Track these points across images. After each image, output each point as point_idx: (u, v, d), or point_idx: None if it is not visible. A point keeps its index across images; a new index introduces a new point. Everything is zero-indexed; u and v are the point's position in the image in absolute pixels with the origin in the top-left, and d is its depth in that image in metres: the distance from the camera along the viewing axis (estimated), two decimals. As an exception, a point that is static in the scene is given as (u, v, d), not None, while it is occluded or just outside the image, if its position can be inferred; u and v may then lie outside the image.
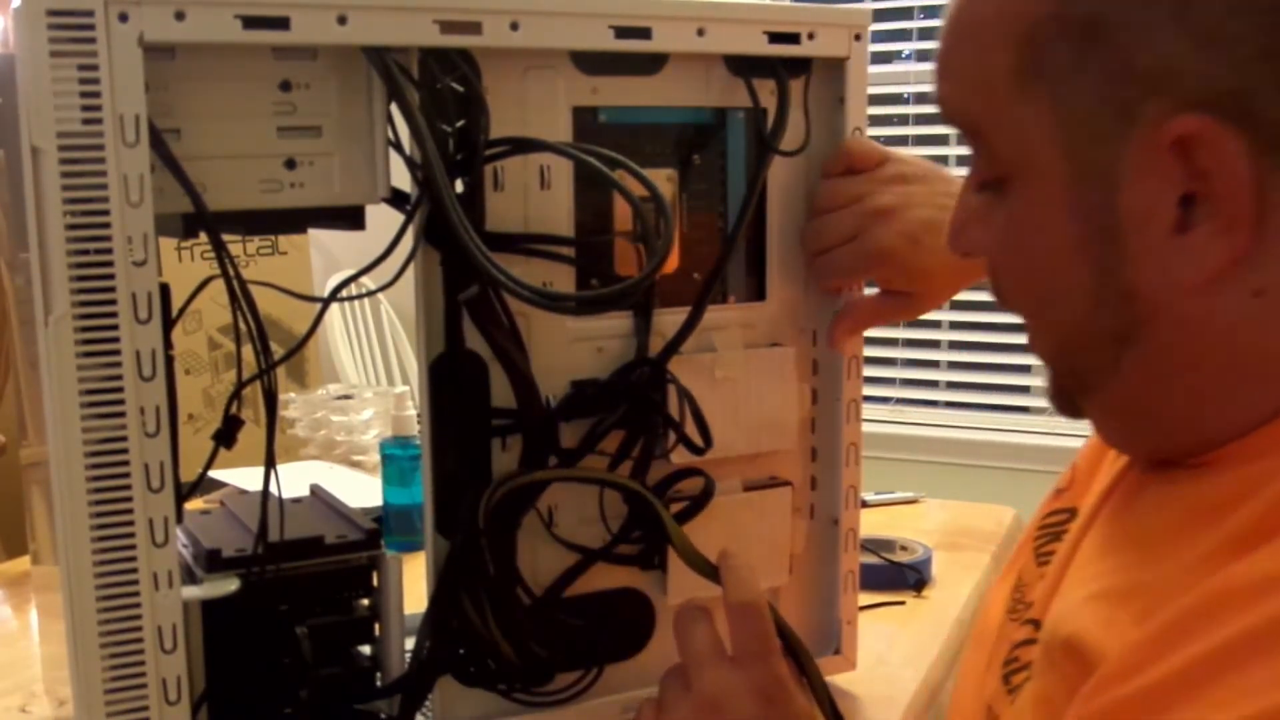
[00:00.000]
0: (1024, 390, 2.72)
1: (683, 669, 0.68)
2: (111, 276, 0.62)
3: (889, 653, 0.99)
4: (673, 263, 0.80)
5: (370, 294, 1.18)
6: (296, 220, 0.71)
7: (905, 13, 2.68)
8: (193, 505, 0.80)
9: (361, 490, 1.38)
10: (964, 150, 2.62)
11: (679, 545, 0.75)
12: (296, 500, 0.85)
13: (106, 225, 0.62)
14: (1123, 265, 0.52)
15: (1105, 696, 0.47)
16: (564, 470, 0.77)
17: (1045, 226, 0.54)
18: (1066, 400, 0.60)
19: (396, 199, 0.73)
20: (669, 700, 0.68)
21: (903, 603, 1.11)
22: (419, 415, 0.79)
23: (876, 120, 2.70)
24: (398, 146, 0.71)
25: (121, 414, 0.63)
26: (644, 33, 0.75)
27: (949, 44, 0.56)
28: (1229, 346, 0.52)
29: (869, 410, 2.64)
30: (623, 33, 0.74)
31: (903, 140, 2.72)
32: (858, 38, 0.82)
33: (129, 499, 0.64)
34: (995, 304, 0.62)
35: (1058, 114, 0.52)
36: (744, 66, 0.80)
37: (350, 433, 1.56)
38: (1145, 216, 0.50)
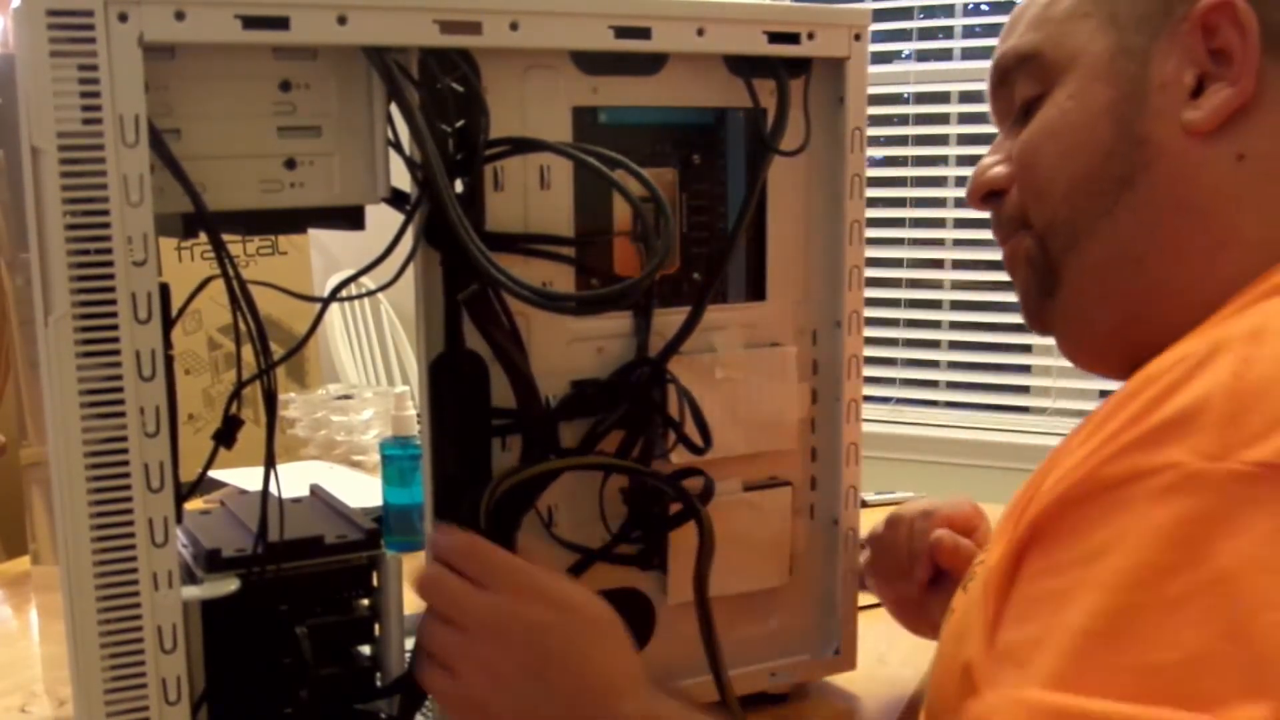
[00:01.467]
0: (1024, 390, 2.72)
1: (438, 617, 0.66)
2: (111, 276, 0.62)
3: (889, 653, 0.99)
4: (673, 263, 0.81)
5: (370, 294, 1.18)
6: (296, 220, 0.71)
7: (905, 13, 2.68)
8: (193, 505, 0.80)
9: (361, 490, 1.38)
10: (961, 150, 2.62)
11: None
12: (296, 500, 0.85)
13: (106, 225, 0.62)
14: (1140, 118, 0.64)
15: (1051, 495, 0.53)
16: (571, 460, 0.77)
17: (1084, 94, 0.66)
18: (1041, 290, 0.70)
19: (396, 199, 0.73)
20: (447, 654, 0.66)
21: (903, 603, 1.11)
22: (419, 415, 0.79)
23: (876, 120, 2.70)
24: (398, 146, 0.71)
25: (121, 414, 0.63)
26: (644, 33, 0.75)
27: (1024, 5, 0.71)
28: (1211, 205, 0.63)
29: (869, 410, 2.66)
30: (623, 33, 0.75)
31: (902, 140, 2.71)
32: (858, 38, 0.82)
33: (129, 499, 0.64)
34: (995, 304, 0.65)
35: (1107, 11, 0.66)
36: (744, 66, 0.80)
37: (350, 433, 1.56)
38: (1169, 81, 0.64)
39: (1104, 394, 2.51)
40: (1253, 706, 0.44)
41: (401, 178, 0.72)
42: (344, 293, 0.86)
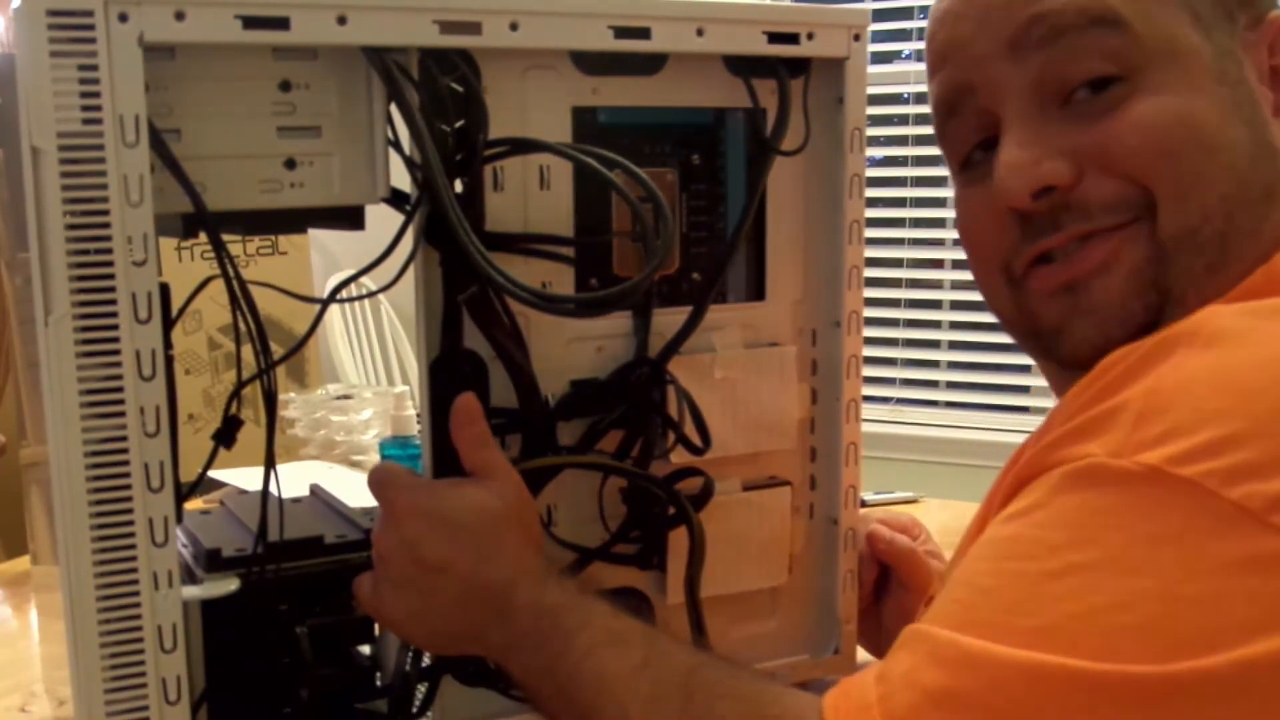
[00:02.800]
0: (1024, 390, 2.72)
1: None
2: (111, 276, 0.62)
3: (889, 653, 0.99)
4: (672, 263, 0.81)
5: (371, 295, 1.19)
6: (296, 220, 0.71)
7: (905, 13, 2.68)
8: (193, 505, 0.80)
9: (361, 490, 1.37)
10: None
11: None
12: (296, 500, 0.85)
13: (106, 225, 0.62)
14: (1265, 125, 0.61)
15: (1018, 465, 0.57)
16: (570, 457, 0.77)
17: (1203, 90, 0.60)
18: (1146, 309, 0.61)
19: (396, 199, 0.73)
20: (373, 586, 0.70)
21: (902, 603, 1.11)
22: (419, 415, 0.79)
23: (876, 120, 2.70)
24: (397, 146, 0.71)
25: (121, 414, 0.63)
26: (644, 33, 0.75)
27: None
28: None
29: (869, 410, 2.66)
30: (622, 33, 0.74)
31: (903, 140, 2.71)
32: (857, 38, 0.82)
33: (129, 499, 0.64)
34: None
35: (1189, 7, 0.61)
36: (743, 66, 0.80)
37: (350, 433, 1.56)
38: (1262, 93, 0.61)
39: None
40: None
41: (401, 178, 0.72)
42: (344, 293, 0.86)
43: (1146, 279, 0.61)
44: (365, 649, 0.79)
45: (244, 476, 1.32)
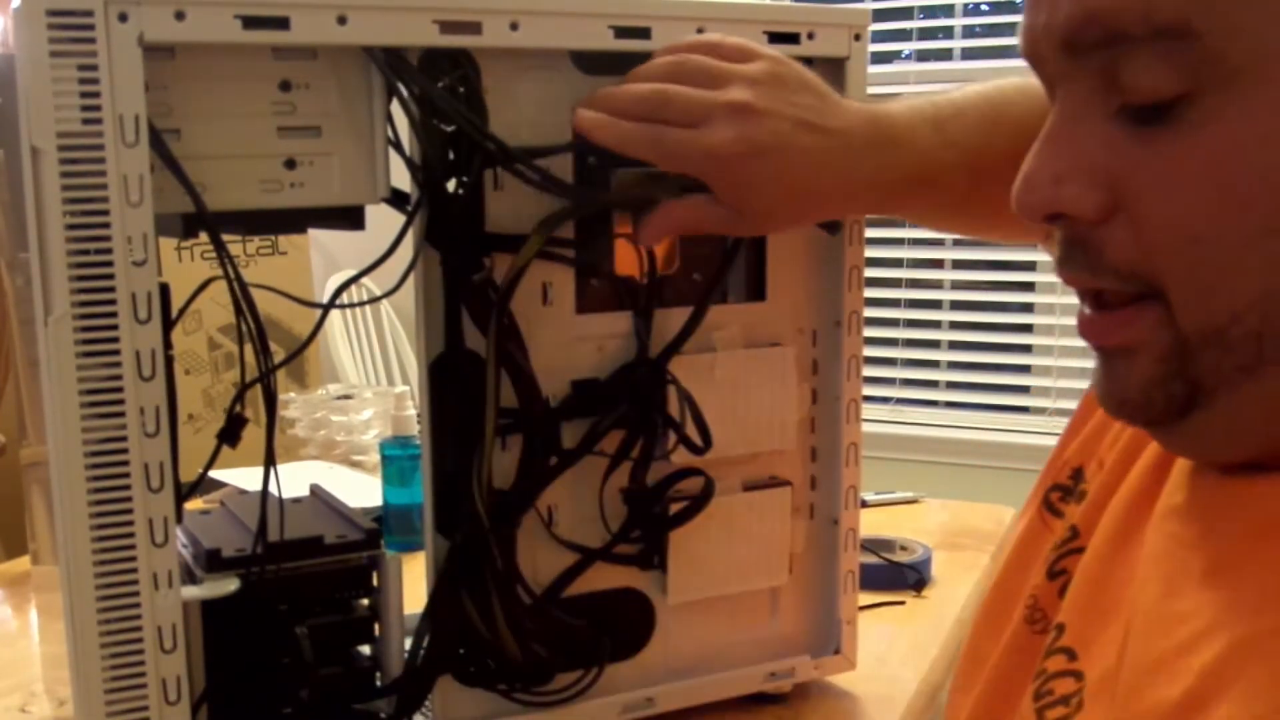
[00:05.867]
0: (1024, 390, 2.72)
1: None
2: (111, 276, 0.62)
3: (889, 653, 0.99)
4: (673, 263, 0.81)
5: (373, 301, 1.18)
6: (296, 220, 0.71)
7: (905, 13, 2.68)
8: (193, 505, 0.80)
9: (361, 490, 1.38)
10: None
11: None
12: (296, 500, 0.85)
13: (106, 225, 0.62)
14: None
15: None
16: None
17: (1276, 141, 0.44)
18: (1167, 398, 0.49)
19: (396, 199, 0.73)
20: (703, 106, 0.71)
21: (903, 603, 1.11)
22: (419, 415, 0.79)
23: (876, 120, 2.70)
24: (398, 146, 0.71)
25: (121, 414, 0.63)
26: (644, 33, 0.75)
27: None
28: None
29: (869, 410, 2.66)
30: (623, 33, 0.75)
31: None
32: (858, 38, 0.82)
33: (129, 499, 0.64)
34: (995, 304, 0.59)
35: None
36: (744, 66, 0.80)
37: (350, 433, 1.56)
38: None
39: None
40: None
41: (401, 177, 0.72)
42: (345, 295, 0.86)
43: (1173, 369, 0.48)
44: (365, 649, 0.79)
45: (244, 476, 1.32)
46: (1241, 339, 0.46)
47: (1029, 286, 2.66)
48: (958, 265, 2.70)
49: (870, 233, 0.88)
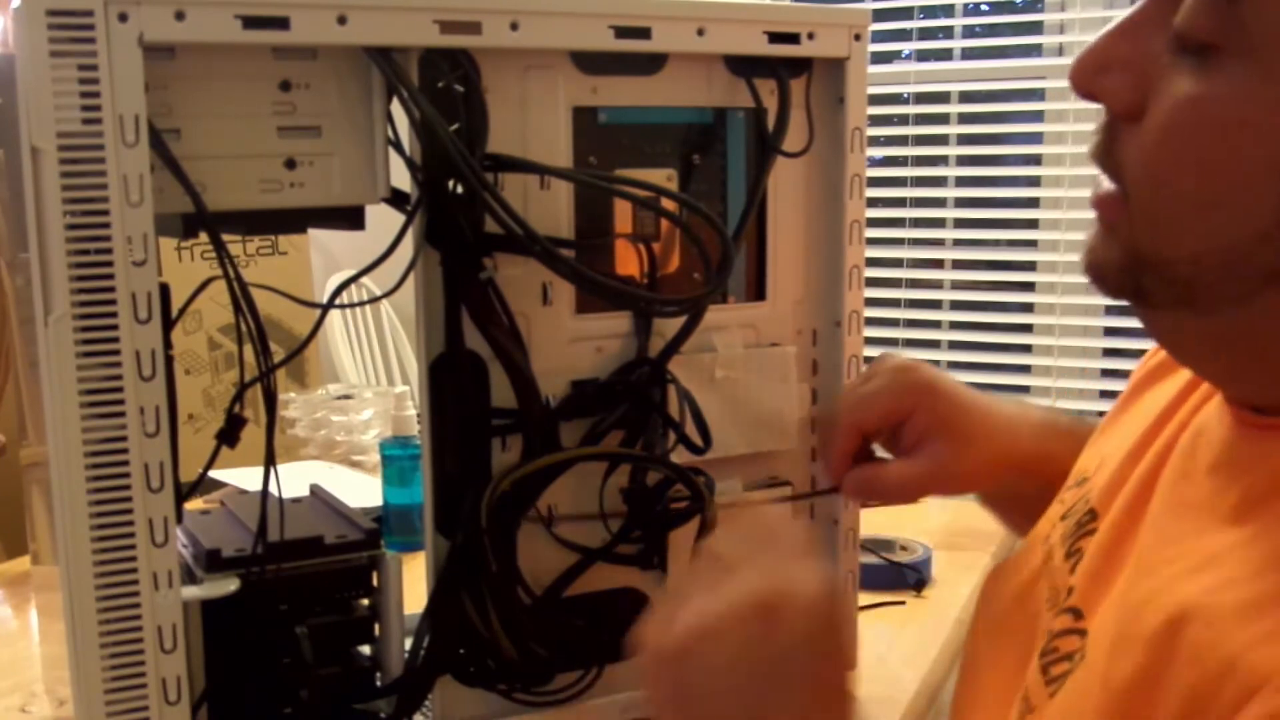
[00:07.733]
0: (1024, 390, 2.72)
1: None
2: (111, 276, 0.62)
3: (889, 653, 0.99)
4: (673, 263, 0.81)
5: (372, 300, 1.18)
6: (296, 220, 0.71)
7: (905, 13, 2.68)
8: (193, 505, 0.80)
9: (361, 490, 1.38)
10: (961, 150, 2.62)
11: None
12: (296, 500, 0.85)
13: (106, 225, 0.62)
14: None
15: None
16: (577, 450, 0.77)
17: (1254, 126, 0.46)
18: (1120, 284, 0.53)
19: (396, 199, 0.73)
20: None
21: (903, 603, 1.11)
22: (419, 415, 0.79)
23: (876, 120, 2.70)
24: (398, 146, 0.71)
25: (121, 414, 0.63)
26: (644, 33, 0.75)
27: None
28: None
29: (869, 410, 2.65)
30: (623, 33, 0.74)
31: (903, 140, 2.71)
32: (858, 38, 0.82)
33: (129, 499, 0.64)
34: (995, 304, 0.59)
35: None
36: (744, 66, 0.80)
37: (350, 433, 1.56)
38: None
39: (1105, 394, 2.51)
40: None
41: (401, 177, 0.72)
42: (345, 295, 0.86)
43: (1127, 264, 0.52)
44: (365, 649, 0.79)
45: (244, 476, 1.32)
46: (1174, 281, 0.50)
47: (1029, 286, 2.66)
48: (958, 265, 2.70)
49: (870, 233, 0.88)
